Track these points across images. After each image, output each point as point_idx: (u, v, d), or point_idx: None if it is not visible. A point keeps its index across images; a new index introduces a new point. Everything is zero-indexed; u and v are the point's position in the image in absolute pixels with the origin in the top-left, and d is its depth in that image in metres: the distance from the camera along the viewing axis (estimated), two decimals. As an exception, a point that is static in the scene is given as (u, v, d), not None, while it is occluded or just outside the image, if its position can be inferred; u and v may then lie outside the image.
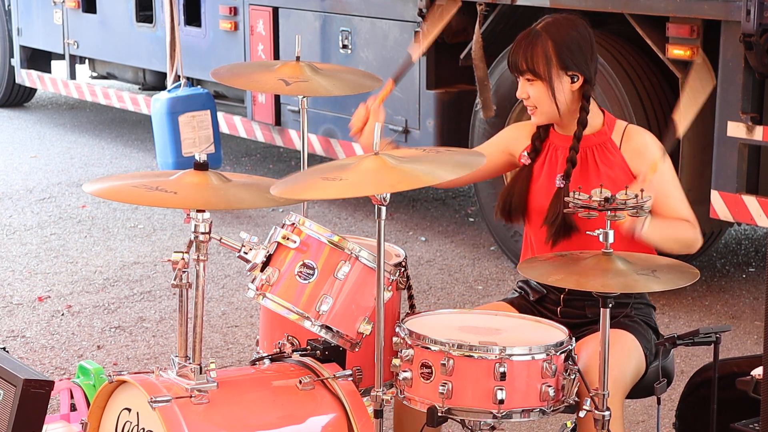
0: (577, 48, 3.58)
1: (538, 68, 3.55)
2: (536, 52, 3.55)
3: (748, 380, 3.43)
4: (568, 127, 3.67)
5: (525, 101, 3.64)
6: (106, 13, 10.12)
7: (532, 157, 3.73)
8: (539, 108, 3.61)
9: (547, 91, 3.57)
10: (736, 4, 5.65)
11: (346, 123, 7.97)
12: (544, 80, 3.56)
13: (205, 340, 5.56)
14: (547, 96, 3.58)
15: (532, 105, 3.62)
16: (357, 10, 7.76)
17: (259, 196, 3.31)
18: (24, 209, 8.30)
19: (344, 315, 3.38)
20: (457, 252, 7.38)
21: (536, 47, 3.55)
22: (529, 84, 3.59)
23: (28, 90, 12.11)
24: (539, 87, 3.58)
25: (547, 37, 3.55)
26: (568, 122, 3.66)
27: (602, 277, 3.06)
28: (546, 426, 4.86)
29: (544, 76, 3.55)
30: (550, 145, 3.72)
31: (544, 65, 3.55)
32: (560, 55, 3.55)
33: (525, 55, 3.56)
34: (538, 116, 3.64)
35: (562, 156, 3.67)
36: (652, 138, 3.67)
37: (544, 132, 3.74)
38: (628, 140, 3.63)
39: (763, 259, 7.20)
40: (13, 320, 6.11)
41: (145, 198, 3.18)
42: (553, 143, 3.71)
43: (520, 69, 3.58)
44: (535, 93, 3.59)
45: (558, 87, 3.57)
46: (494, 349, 3.13)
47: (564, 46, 3.56)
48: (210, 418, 3.18)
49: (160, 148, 8.47)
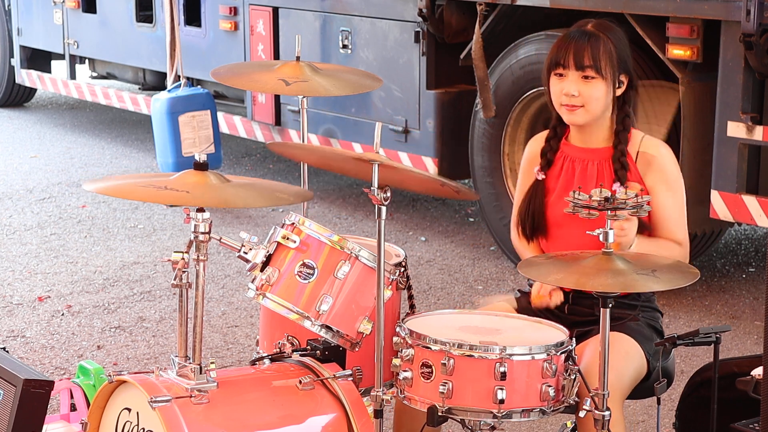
0: (628, 52, 3.63)
1: (604, 66, 3.55)
2: (602, 50, 3.55)
3: (748, 380, 3.43)
4: (592, 136, 3.65)
5: (570, 99, 3.57)
6: (106, 13, 10.12)
7: (545, 170, 3.72)
8: (587, 107, 3.58)
9: (605, 91, 3.56)
10: (736, 4, 5.65)
11: (346, 123, 8.03)
12: (605, 79, 3.55)
13: (205, 340, 5.56)
14: (603, 95, 3.56)
15: (580, 103, 3.58)
16: (357, 10, 7.75)
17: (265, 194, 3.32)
18: (24, 209, 8.30)
19: (344, 315, 3.38)
20: (457, 252, 7.38)
21: (598, 45, 3.55)
22: (584, 81, 3.56)
23: (28, 90, 12.11)
24: (597, 85, 3.56)
25: (607, 37, 3.57)
26: (596, 131, 3.64)
27: (602, 276, 3.06)
28: (546, 426, 4.86)
29: (608, 74, 3.55)
30: (566, 157, 3.69)
31: (608, 63, 3.55)
32: (620, 56, 3.58)
33: (591, 52, 3.54)
34: (581, 115, 3.60)
35: (581, 168, 3.64)
36: (666, 148, 3.65)
37: (555, 144, 3.73)
38: (644, 152, 3.62)
39: (763, 259, 7.20)
40: (13, 320, 6.11)
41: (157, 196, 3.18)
42: (569, 155, 3.69)
43: (583, 64, 3.55)
44: (590, 91, 3.56)
45: (616, 89, 3.59)
46: (495, 348, 3.13)
47: (621, 47, 3.59)
48: (210, 418, 3.18)
49: (160, 148, 8.47)
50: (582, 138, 3.67)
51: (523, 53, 6.76)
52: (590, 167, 3.65)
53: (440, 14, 7.18)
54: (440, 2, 7.16)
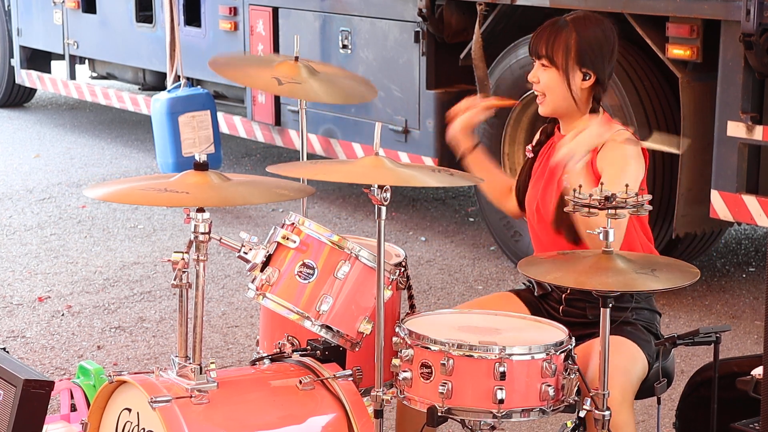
0: (597, 47, 3.62)
1: (556, 56, 3.60)
2: (558, 40, 3.60)
3: (748, 380, 3.43)
4: (569, 127, 3.67)
5: (534, 86, 3.69)
6: (106, 13, 10.12)
7: (536, 150, 3.79)
8: (548, 95, 3.66)
9: (558, 80, 3.62)
10: (736, 4, 5.65)
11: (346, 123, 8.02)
12: (558, 69, 3.61)
13: (205, 340, 5.55)
14: (557, 85, 3.62)
15: (541, 91, 3.66)
16: (357, 10, 7.75)
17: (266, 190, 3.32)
18: (24, 209, 8.30)
19: (344, 315, 3.38)
20: (457, 252, 7.38)
21: (560, 36, 3.61)
22: (542, 69, 3.64)
23: (28, 90, 12.11)
24: (552, 75, 3.62)
25: (573, 29, 3.61)
26: (571, 123, 3.67)
27: (601, 275, 3.06)
28: (546, 426, 4.86)
29: (560, 65, 3.60)
30: (553, 144, 3.74)
31: (563, 54, 3.60)
32: (580, 49, 3.60)
33: (547, 41, 3.61)
34: (545, 105, 3.68)
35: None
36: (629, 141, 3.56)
37: (551, 128, 3.77)
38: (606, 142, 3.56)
39: (763, 259, 7.19)
40: (13, 320, 6.11)
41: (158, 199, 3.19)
42: (555, 143, 3.72)
43: (539, 53, 3.64)
44: (547, 79, 3.64)
45: (571, 80, 3.61)
46: (494, 348, 3.13)
47: (586, 41, 3.61)
48: (210, 418, 3.18)
49: (160, 148, 8.47)
50: (565, 128, 3.72)
51: (523, 53, 6.76)
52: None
53: (440, 14, 7.18)
54: (440, 2, 7.16)
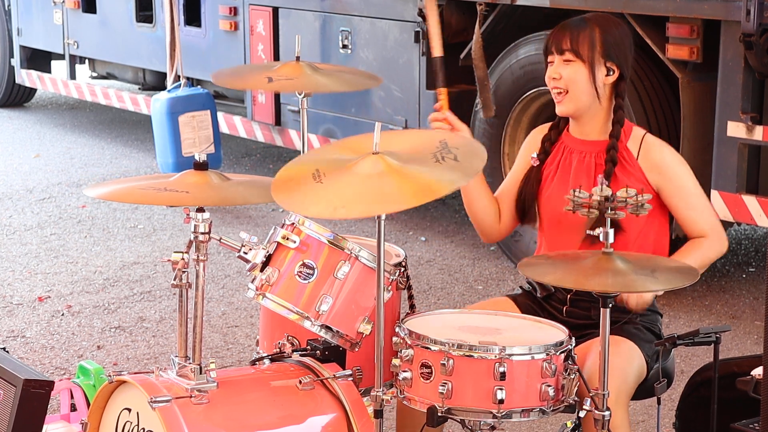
0: (621, 42, 3.64)
1: (582, 49, 3.58)
2: (583, 35, 3.59)
3: (748, 380, 3.43)
4: (588, 127, 3.65)
5: (554, 83, 3.62)
6: (106, 13, 10.12)
7: (541, 159, 3.73)
8: (570, 91, 3.60)
9: (583, 73, 3.58)
10: (736, 4, 5.65)
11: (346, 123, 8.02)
12: (585, 62, 3.58)
13: (205, 340, 5.55)
14: (581, 78, 3.59)
15: (564, 87, 3.60)
16: (357, 10, 7.75)
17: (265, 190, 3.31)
18: (24, 209, 8.30)
19: (344, 315, 3.38)
20: (457, 252, 7.38)
21: (583, 30, 3.60)
22: (565, 64, 3.60)
23: (28, 90, 12.11)
24: (577, 68, 3.59)
25: (595, 25, 3.61)
26: (590, 122, 3.65)
27: (601, 276, 3.06)
28: (546, 426, 4.86)
29: (586, 58, 3.58)
30: (565, 148, 3.70)
31: (589, 47, 3.58)
32: (605, 42, 3.59)
33: (571, 35, 3.59)
34: (566, 102, 3.62)
35: (577, 159, 3.65)
36: (670, 151, 3.66)
37: (555, 135, 3.74)
38: (646, 153, 3.62)
39: (763, 259, 7.19)
40: (13, 320, 6.11)
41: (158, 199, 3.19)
42: (568, 146, 3.69)
43: (562, 48, 3.59)
44: (570, 74, 3.59)
45: (597, 73, 3.59)
46: (494, 349, 3.13)
47: (611, 36, 3.61)
48: (210, 418, 3.18)
49: (160, 148, 8.47)
50: (580, 130, 3.68)
51: (523, 53, 6.76)
52: (587, 159, 3.66)
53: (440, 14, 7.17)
54: (440, 2, 7.16)
